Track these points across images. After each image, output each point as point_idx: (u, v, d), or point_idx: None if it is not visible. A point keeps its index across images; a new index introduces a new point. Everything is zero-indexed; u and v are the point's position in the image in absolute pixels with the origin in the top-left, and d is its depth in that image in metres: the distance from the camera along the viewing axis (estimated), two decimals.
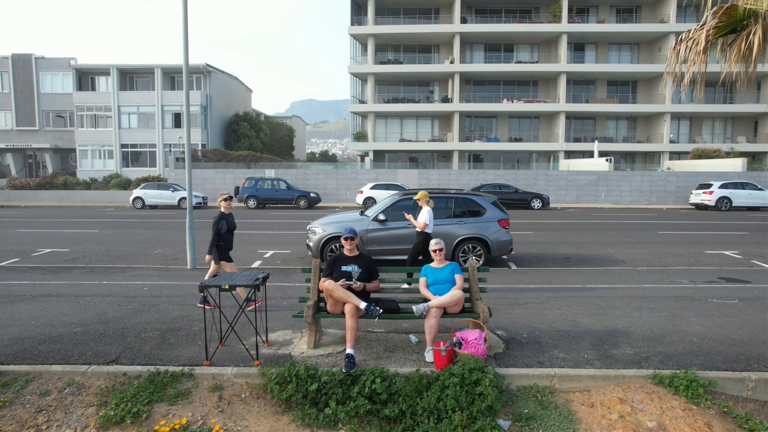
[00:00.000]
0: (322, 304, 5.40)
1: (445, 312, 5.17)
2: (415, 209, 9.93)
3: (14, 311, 6.67)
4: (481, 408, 4.22)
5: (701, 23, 4.54)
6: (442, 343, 4.77)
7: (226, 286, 4.82)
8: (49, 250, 12.14)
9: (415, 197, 8.05)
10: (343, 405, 4.36)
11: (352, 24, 38.05)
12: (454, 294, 5.14)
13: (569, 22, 36.02)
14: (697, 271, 9.53)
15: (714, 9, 4.42)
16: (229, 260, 6.89)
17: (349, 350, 4.75)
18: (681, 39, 4.73)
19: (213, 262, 6.75)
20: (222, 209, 6.93)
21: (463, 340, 4.91)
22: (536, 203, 25.38)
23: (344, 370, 4.61)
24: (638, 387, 4.60)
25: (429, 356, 4.97)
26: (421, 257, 7.86)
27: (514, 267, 10.08)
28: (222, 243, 6.80)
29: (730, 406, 4.41)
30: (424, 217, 7.72)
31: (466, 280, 5.51)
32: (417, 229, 7.88)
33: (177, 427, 4.14)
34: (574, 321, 6.28)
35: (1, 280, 8.68)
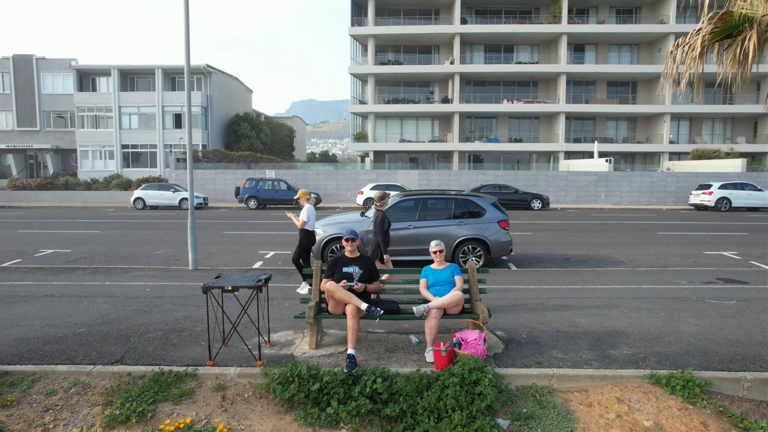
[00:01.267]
0: (323, 305, 5.46)
1: (445, 313, 5.24)
2: (414, 210, 10.01)
3: (18, 312, 6.74)
4: (481, 407, 4.28)
5: (697, 29, 4.60)
6: (442, 343, 4.83)
7: (230, 288, 4.88)
8: (51, 250, 12.21)
9: (296, 196, 8.23)
10: (344, 404, 4.42)
11: (352, 24, 38.11)
12: (454, 295, 5.21)
13: (569, 22, 36.07)
14: (695, 272, 9.59)
15: (710, 15, 4.48)
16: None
17: (350, 350, 4.81)
18: (678, 44, 4.79)
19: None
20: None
21: (462, 340, 4.97)
22: (536, 204, 25.44)
23: (346, 370, 4.67)
24: (635, 387, 4.66)
25: (429, 356, 5.03)
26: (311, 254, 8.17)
27: (513, 268, 10.14)
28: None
29: (726, 406, 4.48)
30: (304, 215, 7.89)
31: (465, 281, 5.57)
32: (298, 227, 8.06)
33: (182, 426, 4.20)
34: (573, 321, 6.34)
35: (5, 280, 8.75)
